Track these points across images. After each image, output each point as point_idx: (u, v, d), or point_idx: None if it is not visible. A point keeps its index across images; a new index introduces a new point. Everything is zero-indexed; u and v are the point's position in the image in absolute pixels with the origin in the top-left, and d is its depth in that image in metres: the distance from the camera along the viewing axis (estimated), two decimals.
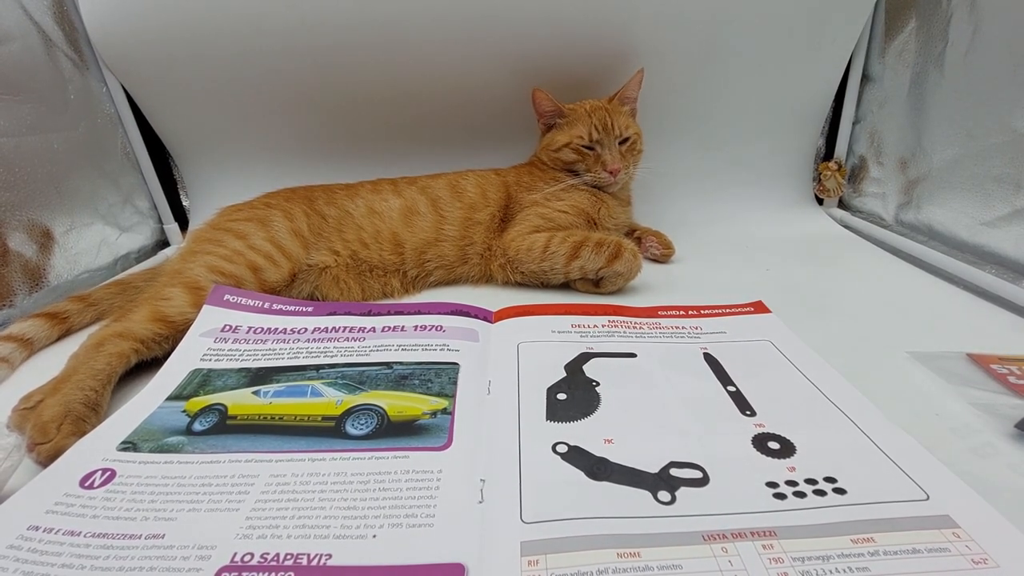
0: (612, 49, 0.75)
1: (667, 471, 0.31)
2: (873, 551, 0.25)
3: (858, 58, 0.79)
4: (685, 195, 0.84)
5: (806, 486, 0.29)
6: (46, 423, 0.36)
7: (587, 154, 0.66)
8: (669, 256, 0.70)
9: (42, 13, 0.65)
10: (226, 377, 0.42)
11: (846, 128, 0.84)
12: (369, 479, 0.31)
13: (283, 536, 0.27)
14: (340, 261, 0.61)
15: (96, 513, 0.29)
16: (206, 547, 0.27)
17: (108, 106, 0.75)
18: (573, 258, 0.58)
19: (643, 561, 0.25)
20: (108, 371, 0.42)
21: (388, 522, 0.28)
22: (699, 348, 0.45)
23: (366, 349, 0.45)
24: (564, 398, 0.38)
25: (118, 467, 0.32)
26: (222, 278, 0.52)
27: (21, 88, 0.61)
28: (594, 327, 0.48)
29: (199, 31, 0.70)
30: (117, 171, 0.76)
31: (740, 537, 0.26)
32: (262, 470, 0.32)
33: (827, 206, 0.88)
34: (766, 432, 0.34)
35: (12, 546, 0.27)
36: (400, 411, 0.37)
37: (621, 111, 0.69)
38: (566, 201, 0.65)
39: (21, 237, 0.59)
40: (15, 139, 0.60)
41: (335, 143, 0.82)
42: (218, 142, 0.81)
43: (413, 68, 0.75)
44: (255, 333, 0.48)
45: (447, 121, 0.81)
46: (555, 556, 0.26)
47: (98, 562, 0.26)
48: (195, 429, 0.36)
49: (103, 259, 0.70)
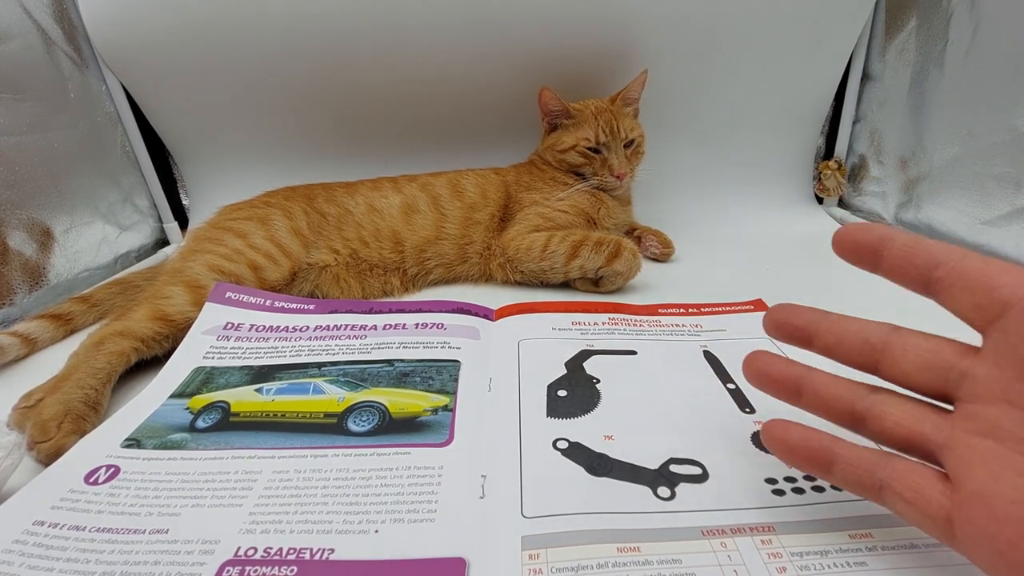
0: (612, 48, 0.75)
1: (667, 467, 0.31)
2: (871, 546, 0.25)
3: (858, 57, 0.79)
4: (685, 194, 0.84)
5: (805, 482, 0.30)
6: (46, 421, 0.36)
7: (593, 157, 0.66)
8: (669, 255, 0.70)
9: (41, 11, 0.65)
10: (229, 375, 0.42)
11: (846, 127, 0.84)
12: (371, 475, 0.31)
13: (286, 531, 0.28)
14: (340, 259, 0.61)
15: (101, 509, 0.29)
16: (210, 542, 0.27)
17: (108, 105, 0.75)
18: (573, 257, 0.58)
19: (643, 556, 0.25)
20: (108, 370, 0.42)
21: (390, 517, 0.28)
22: (699, 346, 0.45)
23: (367, 347, 0.45)
24: (565, 395, 0.39)
25: (122, 463, 0.33)
26: (222, 277, 0.53)
27: (20, 87, 0.61)
28: (595, 324, 0.49)
29: (199, 29, 0.70)
30: (117, 170, 0.76)
31: (739, 532, 0.27)
32: (265, 466, 0.32)
33: (827, 205, 0.88)
34: None
35: (18, 540, 0.27)
36: (402, 408, 0.38)
37: (625, 113, 0.69)
38: (566, 200, 0.65)
39: (21, 236, 0.59)
40: (15, 138, 0.60)
41: (335, 142, 0.82)
42: (218, 141, 0.81)
43: (413, 67, 0.75)
44: (257, 331, 0.48)
45: (447, 120, 0.81)
46: (555, 550, 0.26)
47: (103, 556, 0.26)
48: (198, 426, 0.36)
49: (103, 258, 0.70)
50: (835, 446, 0.24)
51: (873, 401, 0.24)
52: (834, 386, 0.25)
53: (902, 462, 0.23)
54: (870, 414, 0.24)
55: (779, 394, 0.27)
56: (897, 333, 0.24)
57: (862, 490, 0.24)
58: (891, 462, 0.23)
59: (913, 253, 0.23)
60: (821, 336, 0.25)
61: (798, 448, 0.25)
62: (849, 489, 0.24)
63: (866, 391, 0.25)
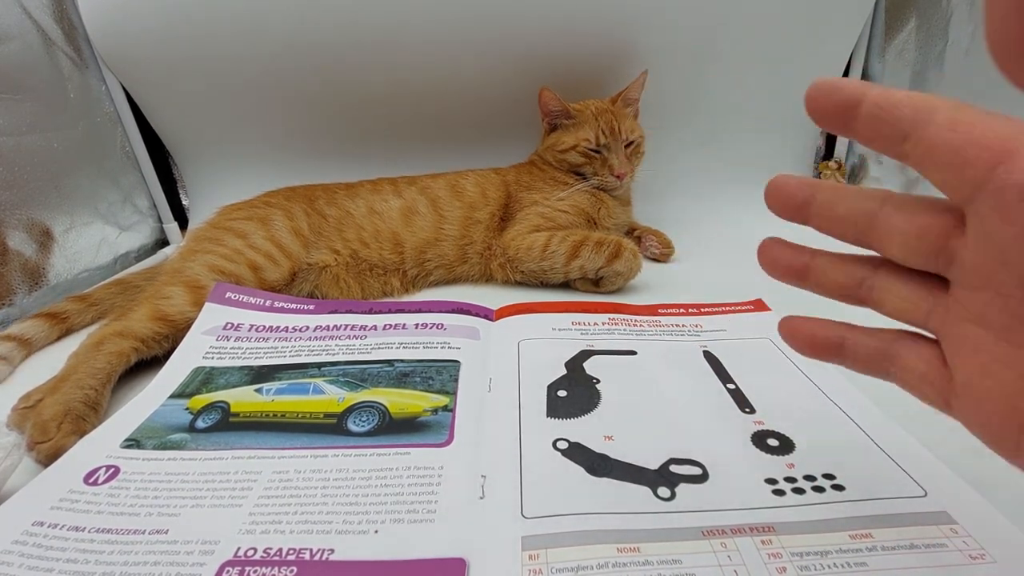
0: (612, 49, 0.75)
1: (667, 468, 0.31)
2: (871, 546, 0.25)
3: (858, 57, 0.79)
4: (685, 194, 0.85)
5: (805, 482, 0.30)
6: (46, 422, 0.36)
7: (594, 157, 0.66)
8: (669, 255, 0.70)
9: (41, 12, 0.65)
10: (228, 375, 0.42)
11: None
12: (371, 475, 0.31)
13: (286, 531, 0.28)
14: (340, 260, 0.61)
15: (100, 509, 0.29)
16: (209, 542, 0.27)
17: (108, 105, 0.75)
18: (573, 257, 0.58)
19: (643, 556, 0.25)
20: (108, 370, 0.42)
21: (390, 517, 0.28)
22: (699, 346, 0.45)
23: (367, 347, 0.45)
24: (565, 395, 0.39)
25: (122, 464, 0.33)
26: (222, 277, 0.53)
27: (20, 87, 0.61)
28: (595, 325, 0.49)
29: (199, 30, 0.70)
30: (117, 170, 0.76)
31: (739, 533, 0.27)
32: (265, 467, 0.32)
33: None
34: (765, 429, 0.34)
35: (17, 541, 0.27)
36: (401, 408, 0.38)
37: (625, 113, 0.69)
38: (566, 200, 0.65)
39: (21, 236, 0.59)
40: (15, 138, 0.60)
41: (335, 142, 0.82)
42: (218, 141, 0.81)
43: (413, 67, 0.75)
44: (257, 331, 0.48)
45: (447, 120, 0.81)
46: (555, 550, 0.26)
47: (103, 556, 0.26)
48: (198, 426, 0.36)
49: (103, 258, 0.70)
50: (843, 336, 0.24)
51: (873, 284, 0.23)
52: (834, 271, 0.25)
53: (905, 347, 0.22)
54: (871, 298, 0.23)
55: (789, 279, 0.27)
56: (884, 210, 0.22)
57: (871, 371, 0.24)
58: (895, 348, 0.23)
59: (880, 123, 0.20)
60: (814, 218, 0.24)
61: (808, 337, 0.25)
62: (859, 370, 0.24)
63: (868, 271, 0.24)
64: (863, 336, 0.24)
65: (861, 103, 0.20)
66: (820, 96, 0.21)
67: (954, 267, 0.20)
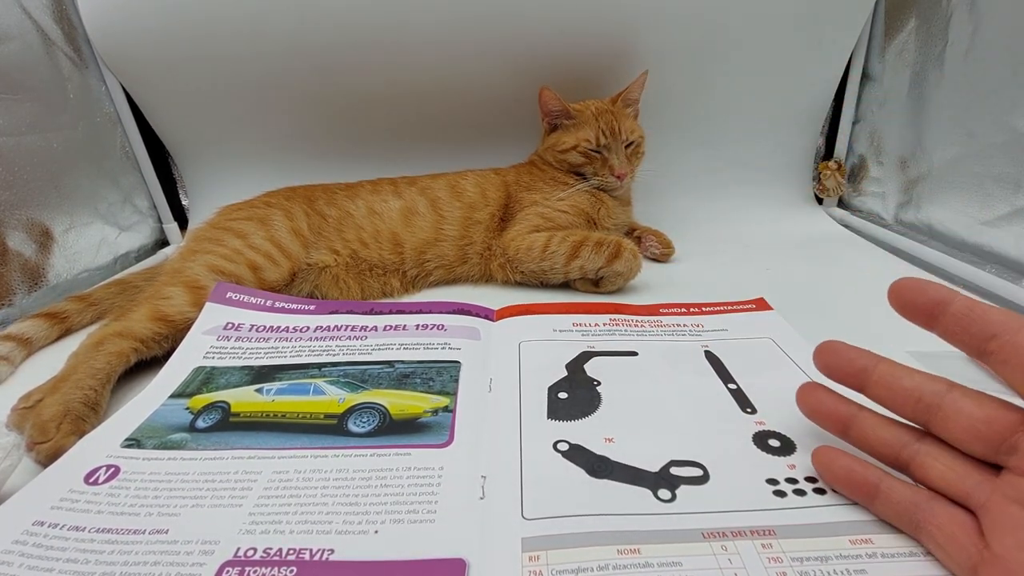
0: (612, 49, 0.75)
1: (667, 469, 0.31)
2: (871, 552, 0.25)
3: (858, 57, 0.79)
4: (685, 194, 0.84)
5: (806, 484, 0.30)
6: (46, 422, 0.36)
7: (594, 157, 0.66)
8: (669, 255, 0.70)
9: (41, 12, 0.65)
10: (229, 375, 0.42)
11: (846, 127, 0.84)
12: (371, 476, 0.31)
13: (286, 531, 0.28)
14: (340, 260, 0.61)
15: (101, 509, 0.29)
16: (209, 542, 0.27)
17: (107, 105, 0.75)
18: (573, 258, 0.58)
19: (643, 558, 0.25)
20: (107, 370, 0.42)
21: (390, 518, 0.28)
22: (700, 346, 0.45)
23: (368, 348, 0.45)
24: (565, 397, 0.38)
25: (122, 464, 0.33)
26: (222, 277, 0.52)
27: (20, 87, 0.61)
28: (595, 326, 0.49)
29: (199, 30, 0.70)
30: (116, 170, 0.76)
31: (739, 535, 0.27)
32: (265, 467, 0.32)
33: (827, 205, 0.88)
34: (767, 430, 0.34)
35: (17, 541, 0.27)
36: (402, 409, 0.38)
37: (626, 114, 0.69)
38: (566, 201, 0.65)
39: (20, 236, 0.59)
40: (14, 138, 0.60)
41: (335, 142, 0.82)
42: (218, 142, 0.81)
43: (414, 67, 0.75)
44: (258, 331, 0.48)
45: (447, 120, 0.81)
46: (556, 552, 0.26)
47: (103, 556, 0.26)
48: (198, 426, 0.36)
49: (103, 258, 0.70)
50: (880, 480, 0.26)
51: (918, 450, 0.25)
52: (881, 430, 0.26)
53: (941, 508, 0.24)
54: (914, 463, 0.25)
55: (829, 428, 0.28)
56: (951, 394, 0.24)
57: (900, 524, 0.25)
58: (931, 505, 0.24)
59: (968, 321, 0.23)
60: (872, 387, 0.26)
61: (843, 478, 0.27)
62: (887, 520, 0.26)
63: (913, 438, 0.26)
64: (899, 485, 0.25)
65: (951, 303, 0.24)
66: (909, 294, 0.25)
67: (1014, 457, 0.22)
